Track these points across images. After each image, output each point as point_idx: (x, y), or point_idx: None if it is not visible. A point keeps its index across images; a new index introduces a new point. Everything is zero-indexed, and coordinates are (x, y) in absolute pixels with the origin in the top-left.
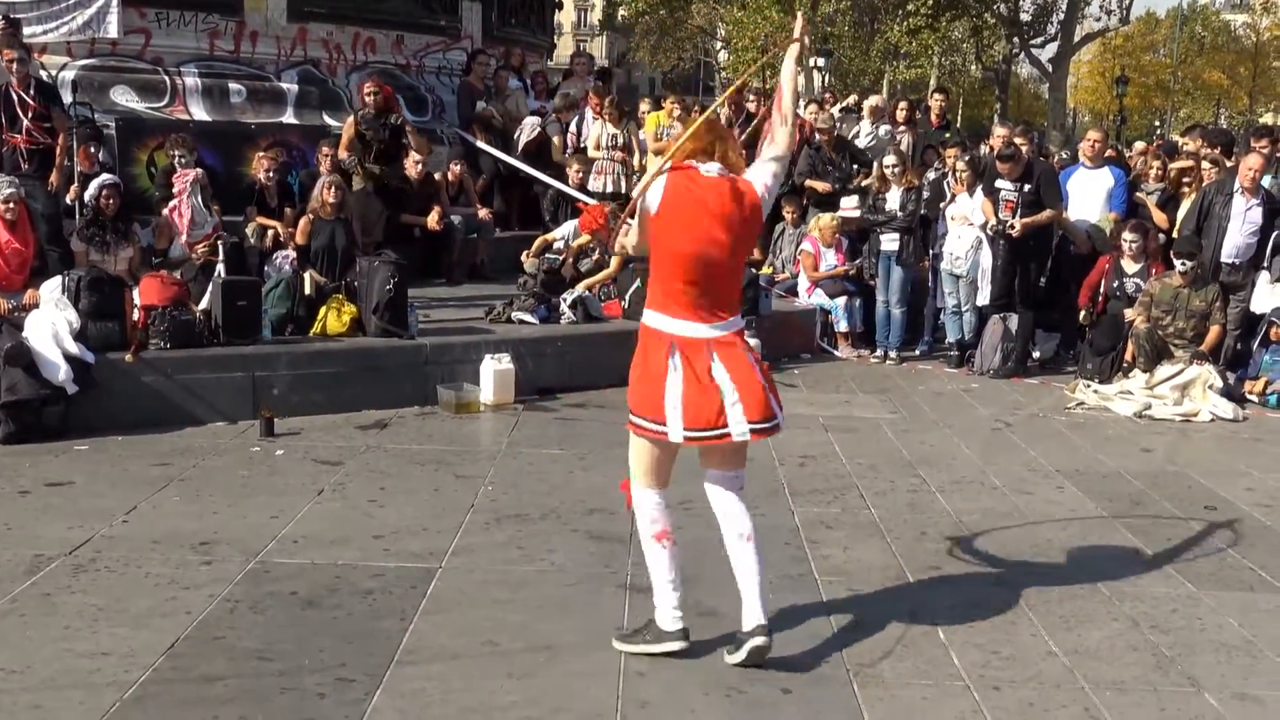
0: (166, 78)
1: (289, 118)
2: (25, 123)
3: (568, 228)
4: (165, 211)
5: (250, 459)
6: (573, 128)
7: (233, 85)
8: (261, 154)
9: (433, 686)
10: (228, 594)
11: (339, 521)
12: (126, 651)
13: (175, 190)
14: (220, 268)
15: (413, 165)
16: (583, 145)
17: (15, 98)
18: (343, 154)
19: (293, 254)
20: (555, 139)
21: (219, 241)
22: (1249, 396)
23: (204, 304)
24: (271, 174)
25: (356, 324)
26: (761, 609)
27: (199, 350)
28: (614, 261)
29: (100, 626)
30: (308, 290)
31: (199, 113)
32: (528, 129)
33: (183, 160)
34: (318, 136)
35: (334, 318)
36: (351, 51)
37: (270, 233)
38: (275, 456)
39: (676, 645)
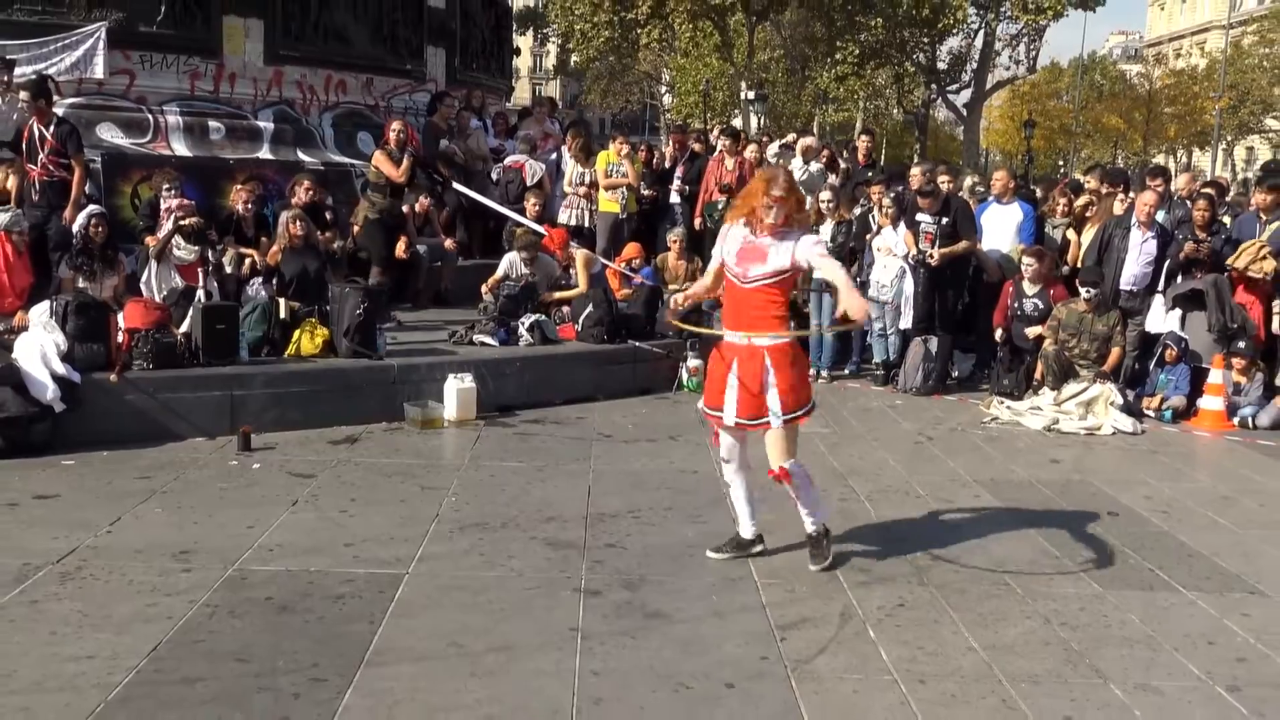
0: (150, 115)
1: (265, 153)
2: (43, 157)
3: (510, 260)
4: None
5: (228, 472)
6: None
7: (212, 123)
8: (239, 186)
9: (400, 686)
10: (207, 600)
11: (312, 531)
12: (110, 655)
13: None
14: (200, 294)
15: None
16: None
17: (36, 133)
18: (395, 175)
19: (272, 281)
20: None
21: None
22: (1146, 412)
23: (185, 327)
24: (248, 205)
25: (329, 346)
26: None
27: (180, 371)
28: (582, 281)
29: (85, 632)
30: (283, 314)
31: (180, 148)
32: (538, 170)
33: (170, 191)
34: (292, 171)
35: (307, 340)
36: (324, 92)
37: (248, 260)
38: (252, 470)
39: (758, 549)
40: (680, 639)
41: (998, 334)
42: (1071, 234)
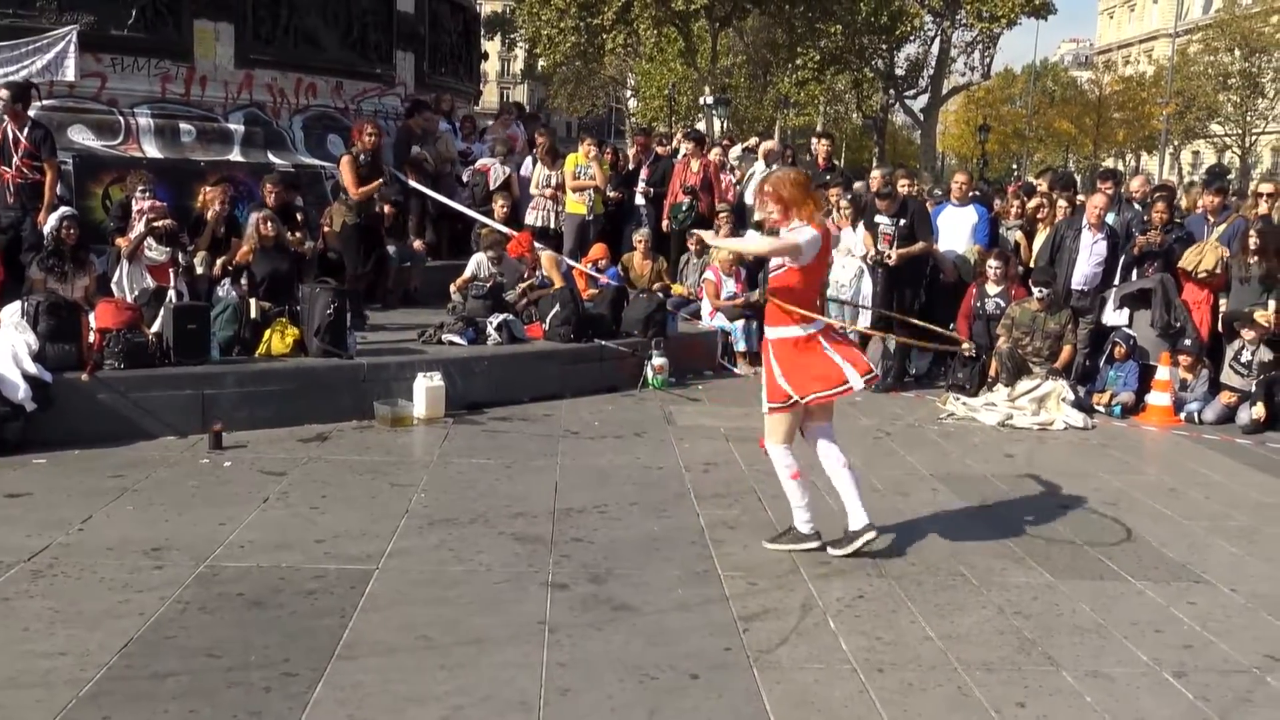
0: (121, 118)
1: (236, 156)
2: (16, 159)
3: (477, 260)
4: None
5: (200, 470)
6: (525, 167)
7: (183, 125)
8: (209, 188)
9: (371, 679)
10: (178, 596)
11: (283, 527)
12: (82, 651)
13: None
14: (171, 294)
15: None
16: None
17: (10, 135)
18: (357, 190)
19: (242, 281)
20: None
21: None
22: (1097, 407)
23: (156, 327)
24: (219, 207)
25: (299, 345)
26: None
27: (151, 370)
28: (556, 280)
29: (57, 628)
30: (253, 314)
31: (151, 150)
32: (501, 173)
33: (142, 193)
34: (262, 173)
35: (278, 339)
36: (294, 95)
37: (219, 261)
38: (223, 468)
39: (813, 545)
40: (646, 631)
41: (965, 347)
42: (1020, 236)
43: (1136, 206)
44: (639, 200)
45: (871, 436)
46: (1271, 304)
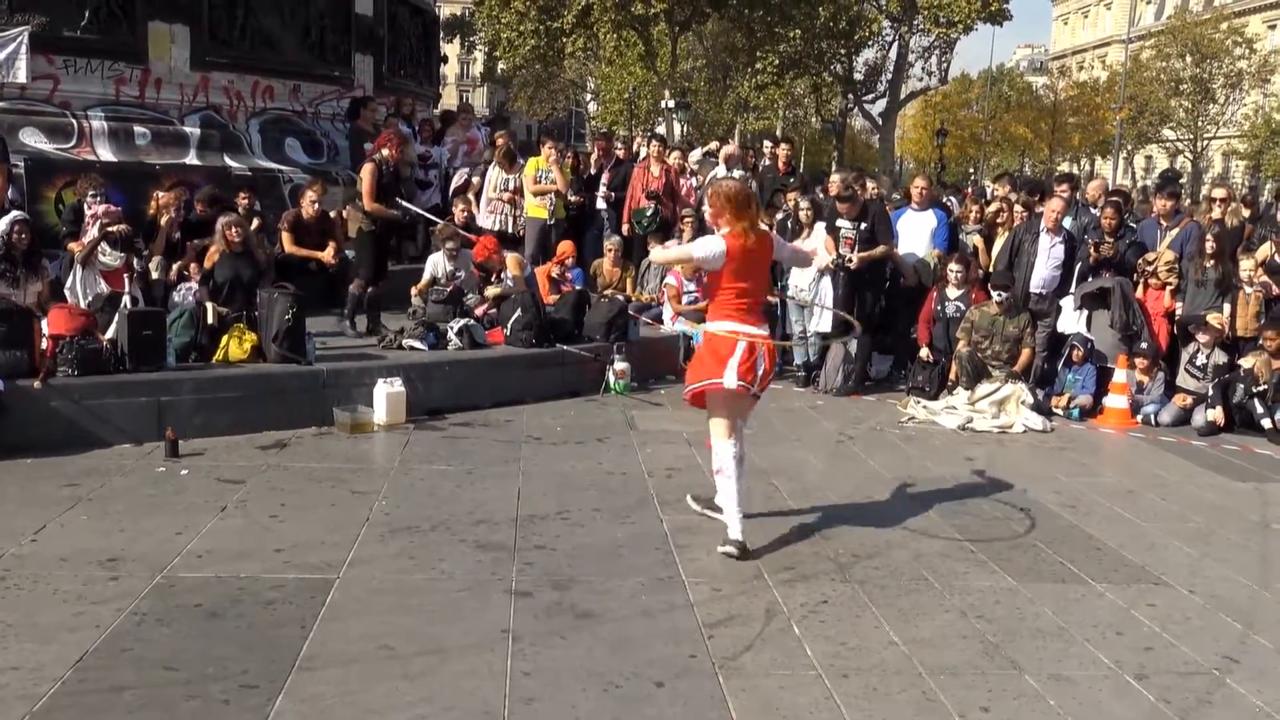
0: (74, 120)
1: (192, 159)
2: None
3: (433, 261)
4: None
5: (156, 479)
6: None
7: (138, 128)
8: (164, 192)
9: (332, 690)
10: (135, 608)
11: (241, 536)
12: (35, 666)
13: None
14: (126, 299)
15: (309, 205)
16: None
17: None
18: (371, 205)
19: (196, 285)
20: (476, 180)
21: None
22: (1055, 410)
23: (110, 333)
24: (174, 212)
25: (257, 351)
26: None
27: (105, 377)
28: (519, 284)
29: (9, 642)
30: (210, 320)
31: (105, 154)
32: (459, 177)
33: (95, 197)
34: (219, 177)
35: (235, 345)
36: (251, 98)
37: (175, 266)
38: (180, 476)
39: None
40: (610, 638)
41: (924, 353)
42: (978, 240)
43: (1094, 211)
44: (600, 205)
45: (834, 440)
46: (1226, 308)
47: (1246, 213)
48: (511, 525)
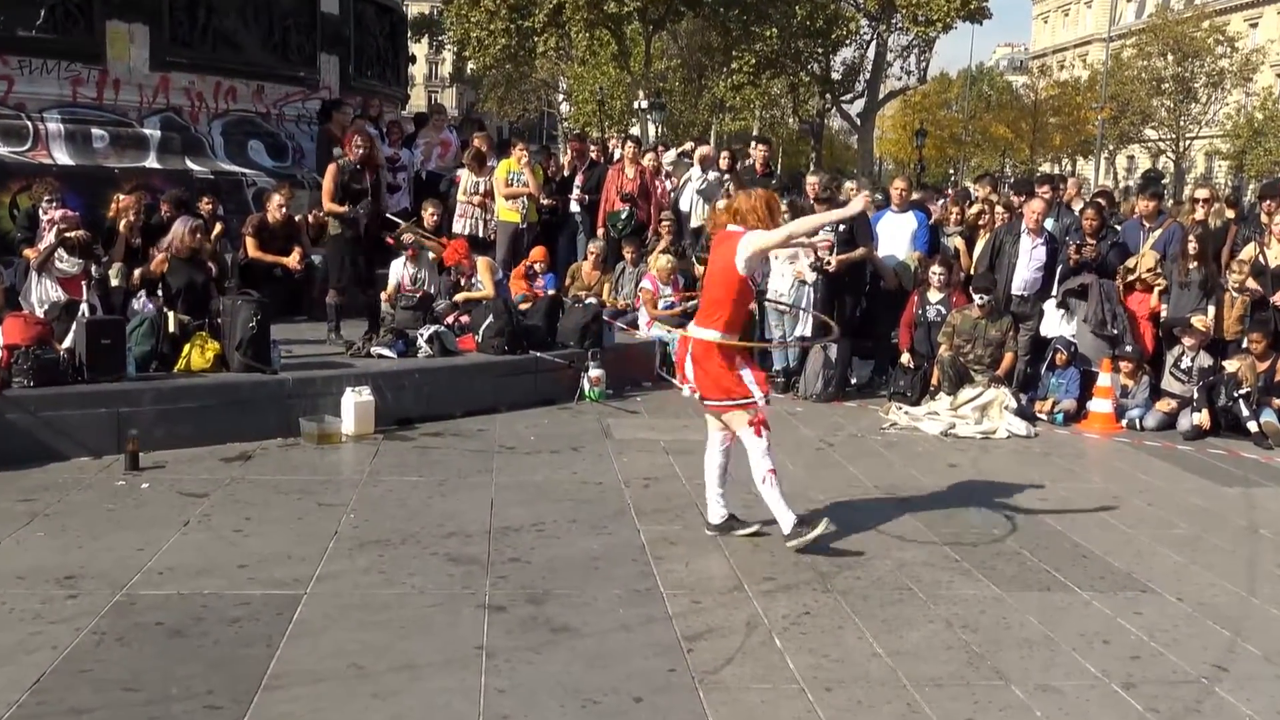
0: (29, 123)
1: (151, 162)
2: None
3: (395, 267)
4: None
5: (116, 493)
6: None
7: (95, 131)
8: (123, 196)
9: (300, 709)
10: (94, 627)
11: (205, 552)
12: None
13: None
14: (84, 307)
15: (275, 209)
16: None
17: None
18: (329, 205)
19: (158, 293)
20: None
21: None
22: (1039, 415)
23: (68, 343)
24: (133, 216)
25: (220, 360)
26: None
27: (63, 388)
28: (488, 285)
29: None
30: (171, 328)
31: (61, 157)
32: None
33: (51, 202)
34: (180, 180)
35: (198, 354)
36: (213, 100)
37: (135, 273)
38: (141, 490)
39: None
40: (587, 653)
41: (905, 358)
42: (960, 242)
43: (1075, 212)
44: (574, 207)
45: (813, 447)
46: (1211, 309)
47: (1230, 213)
48: (485, 537)
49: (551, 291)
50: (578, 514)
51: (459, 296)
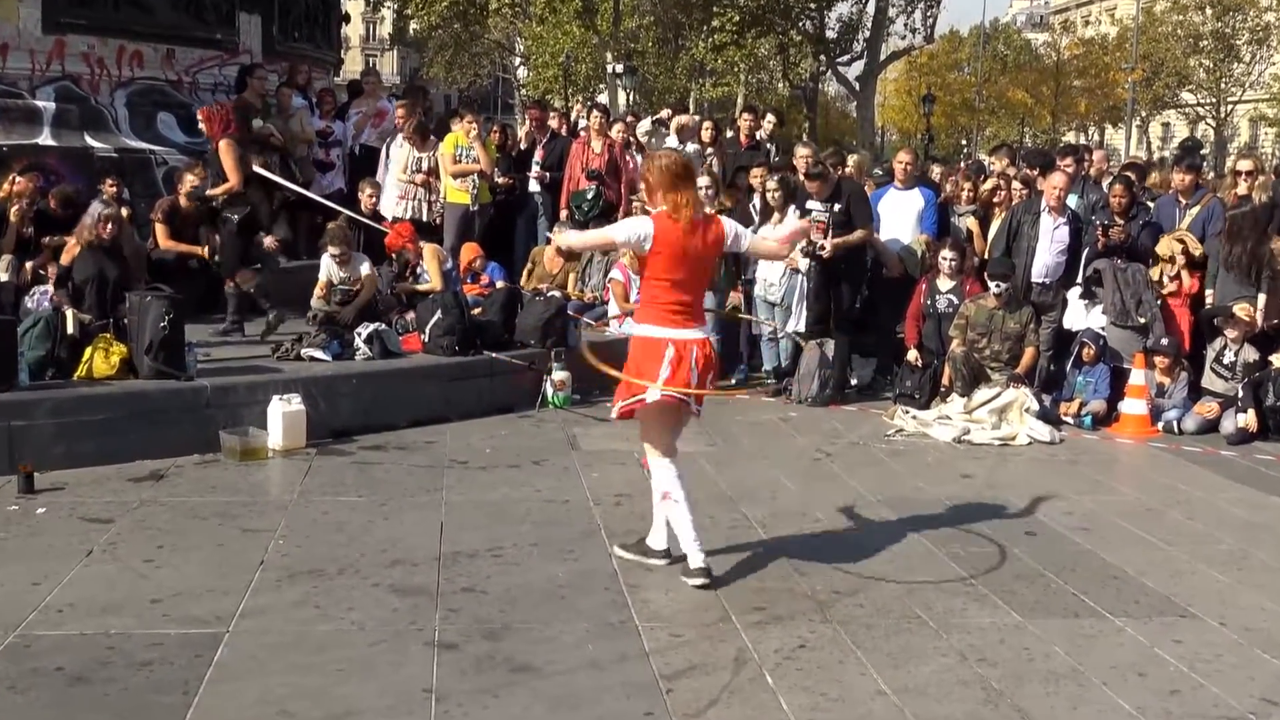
0: None
1: (45, 139)
2: None
3: (325, 263)
4: None
5: (7, 519)
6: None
7: None
8: (16, 178)
9: None
10: None
11: (111, 586)
12: None
13: None
14: None
15: (188, 191)
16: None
17: None
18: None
19: (52, 289)
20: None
21: None
22: (1064, 418)
23: None
24: (27, 202)
25: (127, 365)
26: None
27: None
28: (434, 276)
29: None
30: (70, 329)
31: None
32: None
33: None
34: (78, 159)
35: (101, 359)
36: (116, 66)
37: (28, 266)
38: (36, 515)
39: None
40: (551, 695)
41: (910, 355)
42: (973, 223)
43: (1104, 187)
44: (533, 186)
45: (809, 457)
46: (1261, 297)
47: None
48: (433, 565)
49: (501, 283)
50: (540, 537)
51: (401, 288)
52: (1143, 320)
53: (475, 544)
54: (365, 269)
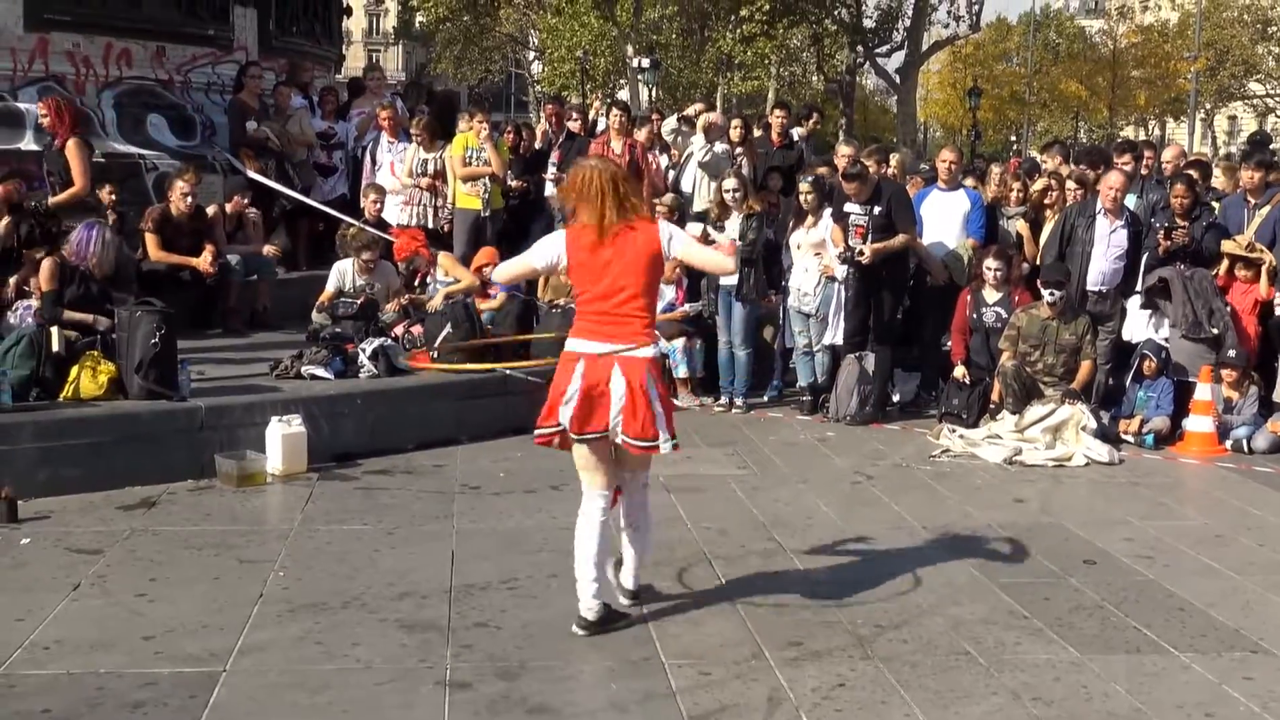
0: None
1: (28, 143)
2: None
3: (340, 270)
4: None
5: None
6: (369, 154)
7: None
8: None
9: None
10: None
11: (100, 622)
12: None
13: None
14: None
15: (180, 198)
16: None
17: None
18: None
19: (36, 305)
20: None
21: None
22: (1124, 437)
23: None
24: (9, 211)
25: (116, 385)
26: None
27: None
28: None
29: None
30: (55, 346)
31: None
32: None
33: None
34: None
35: (88, 378)
36: (103, 65)
37: (12, 281)
38: (20, 546)
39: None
40: None
41: (957, 371)
42: (1023, 226)
43: (1164, 186)
44: (549, 190)
45: (848, 480)
46: None
47: None
48: (444, 598)
49: (519, 294)
50: (558, 567)
51: (396, 301)
52: (1215, 331)
53: (489, 575)
54: (394, 280)
